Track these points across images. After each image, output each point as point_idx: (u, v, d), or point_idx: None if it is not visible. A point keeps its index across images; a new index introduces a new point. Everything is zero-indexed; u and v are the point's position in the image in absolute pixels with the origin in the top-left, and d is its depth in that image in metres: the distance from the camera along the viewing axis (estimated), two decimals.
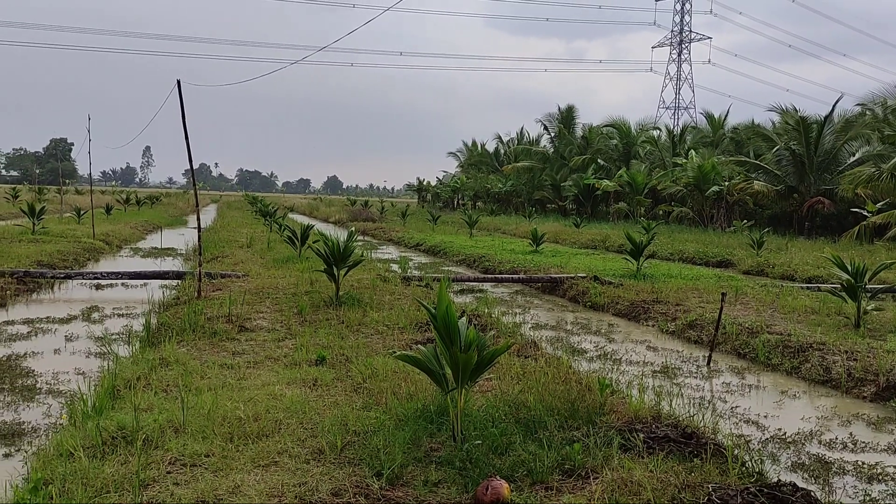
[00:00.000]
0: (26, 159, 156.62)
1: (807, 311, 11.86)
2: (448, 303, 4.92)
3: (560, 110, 56.02)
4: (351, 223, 40.86)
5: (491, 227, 38.43)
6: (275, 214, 31.34)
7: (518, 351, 7.94)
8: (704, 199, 36.76)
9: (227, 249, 19.82)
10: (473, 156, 74.98)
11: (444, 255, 24.05)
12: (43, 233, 21.79)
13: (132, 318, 11.08)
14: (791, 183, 33.17)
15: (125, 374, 6.65)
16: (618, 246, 25.41)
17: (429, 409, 5.52)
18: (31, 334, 9.73)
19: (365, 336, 8.82)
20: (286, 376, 6.76)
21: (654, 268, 18.04)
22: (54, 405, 6.63)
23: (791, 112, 35.05)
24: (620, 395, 6.39)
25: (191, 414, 5.34)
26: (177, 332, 8.62)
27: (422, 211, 59.91)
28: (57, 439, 5.04)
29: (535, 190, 55.05)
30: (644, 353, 9.90)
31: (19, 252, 16.49)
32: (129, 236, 26.42)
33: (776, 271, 18.96)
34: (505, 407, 5.67)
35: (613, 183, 43.63)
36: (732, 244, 25.21)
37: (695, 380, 8.52)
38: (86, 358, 8.57)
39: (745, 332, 10.21)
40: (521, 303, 14.42)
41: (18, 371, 7.76)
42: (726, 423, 6.74)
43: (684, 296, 13.26)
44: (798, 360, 8.98)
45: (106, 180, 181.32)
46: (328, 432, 5.10)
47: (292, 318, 9.78)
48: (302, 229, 17.71)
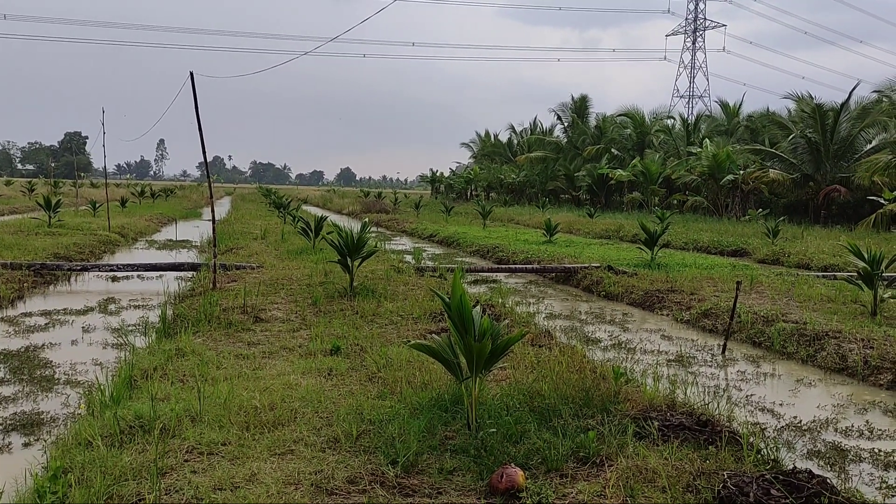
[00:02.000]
0: (42, 153, 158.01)
1: (823, 299, 11.78)
2: (462, 292, 4.92)
3: (573, 100, 55.83)
4: (364, 214, 40.93)
5: (504, 218, 38.38)
6: (288, 206, 31.45)
7: (532, 340, 7.94)
8: (719, 188, 36.52)
9: (242, 241, 19.91)
10: (486, 146, 74.81)
11: (457, 245, 24.06)
12: (59, 226, 21.97)
13: (148, 310, 11.17)
14: (807, 171, 32.89)
15: (142, 365, 6.71)
16: (632, 236, 25.32)
17: (443, 397, 5.53)
18: (48, 326, 9.83)
19: (379, 326, 8.84)
20: (301, 366, 6.79)
21: (668, 257, 17.97)
22: (72, 395, 6.71)
23: (807, 99, 34.74)
24: (635, 383, 6.38)
25: (207, 403, 5.39)
26: (192, 322, 8.68)
27: (435, 202, 59.92)
28: (75, 428, 5.10)
29: (549, 180, 54.91)
30: (658, 342, 9.87)
31: (36, 245, 16.64)
32: (144, 229, 26.60)
33: (792, 260, 18.84)
34: (519, 395, 5.67)
35: (627, 172, 43.43)
36: (747, 233, 25.06)
37: (710, 368, 8.49)
38: (103, 349, 8.65)
39: (761, 321, 10.16)
40: (535, 293, 14.40)
41: (37, 362, 7.85)
42: (741, 411, 6.72)
43: (699, 285, 13.20)
44: (814, 349, 8.93)
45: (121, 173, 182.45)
46: (343, 421, 5.12)
47: (307, 308, 9.82)
48: (315, 221, 17.75)
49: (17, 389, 6.85)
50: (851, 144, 32.28)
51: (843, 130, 32.16)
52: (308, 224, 17.55)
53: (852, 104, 32.74)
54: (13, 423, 5.89)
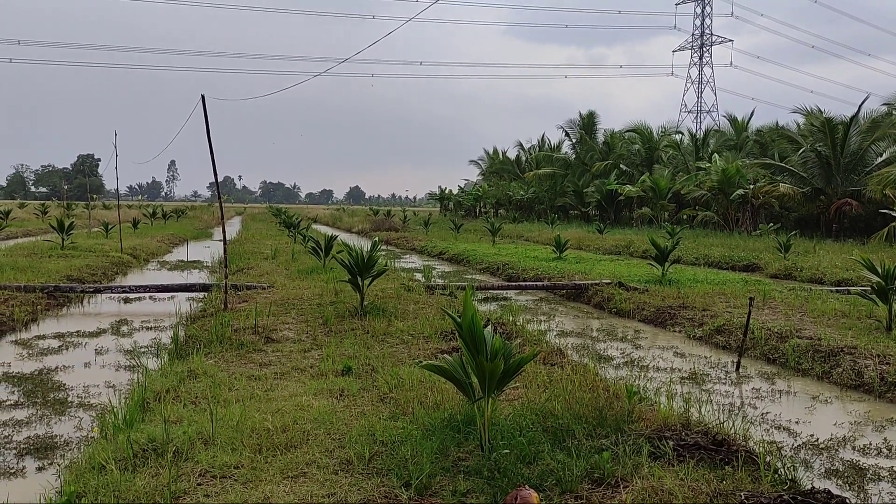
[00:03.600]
0: (55, 176, 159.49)
1: (837, 314, 11.69)
2: (473, 312, 4.91)
3: (581, 116, 55.91)
4: (374, 233, 41.00)
5: (514, 235, 38.36)
6: (298, 226, 31.54)
7: (544, 359, 7.91)
8: (729, 203, 36.41)
9: (253, 261, 19.97)
10: (495, 163, 74.93)
11: (467, 263, 24.05)
12: (72, 248, 22.10)
13: (160, 331, 11.20)
14: (817, 185, 32.77)
15: (154, 387, 6.72)
16: (642, 251, 25.25)
17: (456, 418, 5.51)
18: (61, 348, 9.86)
19: (390, 346, 8.83)
20: (313, 387, 6.78)
21: (679, 273, 17.89)
22: (85, 418, 6.72)
23: (816, 113, 34.68)
24: (649, 402, 6.34)
25: (220, 426, 5.38)
26: (204, 344, 8.69)
27: (444, 219, 59.97)
28: (89, 452, 5.10)
29: (558, 196, 54.92)
30: (671, 360, 9.81)
31: (49, 267, 16.75)
32: (155, 250, 26.74)
33: (804, 275, 18.72)
34: (532, 415, 5.64)
35: (636, 188, 43.39)
36: (759, 248, 24.94)
37: (724, 386, 8.42)
38: (115, 371, 8.67)
39: (774, 337, 10.08)
40: (546, 310, 14.36)
41: (50, 385, 7.87)
42: (757, 429, 6.65)
43: (711, 301, 13.13)
44: (829, 365, 8.85)
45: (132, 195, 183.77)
46: (356, 443, 5.11)
47: (318, 328, 9.82)
48: (326, 240, 17.79)
49: (31, 413, 6.87)
50: (862, 158, 32.15)
51: (854, 144, 32.04)
52: (318, 243, 17.60)
53: (862, 117, 32.62)
54: (27, 447, 5.90)
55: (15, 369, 8.59)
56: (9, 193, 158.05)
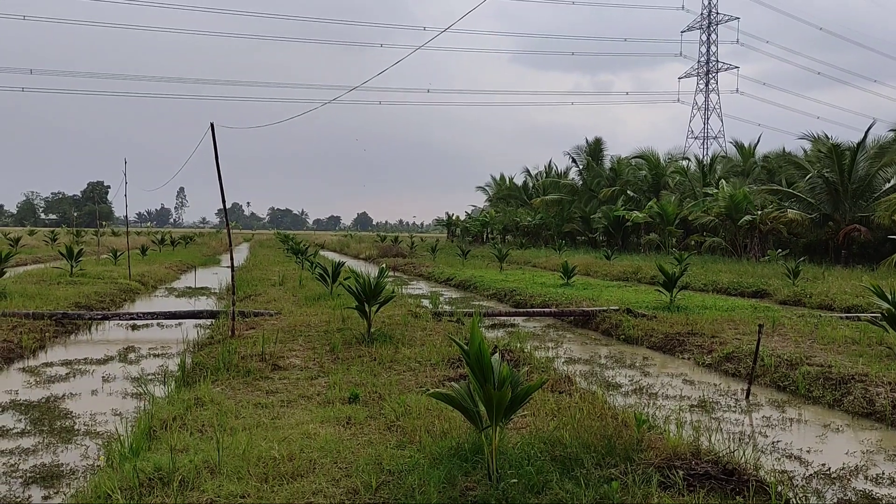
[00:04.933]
0: (64, 203, 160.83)
1: (847, 341, 11.60)
2: (481, 339, 4.90)
3: (588, 143, 56.21)
4: (381, 259, 41.06)
5: (521, 261, 38.34)
6: (306, 252, 31.63)
7: (552, 386, 7.86)
8: (737, 229, 36.35)
9: (260, 288, 20.00)
10: (502, 189, 75.15)
11: (474, 289, 24.02)
12: (81, 275, 22.19)
13: (167, 358, 11.20)
14: (825, 211, 32.71)
15: (161, 415, 6.70)
16: (650, 277, 25.17)
17: (463, 447, 5.47)
18: (69, 375, 9.87)
19: (397, 373, 8.80)
20: (320, 415, 6.76)
21: (687, 299, 17.81)
22: (92, 446, 6.70)
23: (823, 139, 34.73)
24: (658, 430, 6.28)
25: (226, 454, 5.36)
26: (211, 371, 8.69)
27: (451, 245, 60.04)
28: (94, 481, 5.08)
29: (565, 222, 54.96)
30: (680, 387, 9.74)
31: (58, 294, 16.82)
32: (164, 276, 26.82)
33: (813, 301, 18.61)
34: (540, 444, 5.60)
35: (643, 214, 43.38)
36: (767, 274, 24.84)
37: (734, 414, 8.35)
38: (122, 398, 8.66)
39: (784, 364, 10.01)
40: (554, 337, 14.30)
41: (57, 412, 7.87)
42: (768, 458, 6.58)
43: (720, 327, 13.06)
44: (840, 393, 8.77)
45: (141, 221, 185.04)
46: (362, 472, 5.07)
47: (325, 355, 9.81)
48: (333, 266, 17.82)
49: (37, 441, 6.86)
50: (870, 184, 32.11)
51: (861, 170, 32.02)
52: (325, 270, 17.63)
53: (869, 143, 32.64)
54: (33, 476, 5.88)
55: (22, 397, 8.60)
56: (19, 220, 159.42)
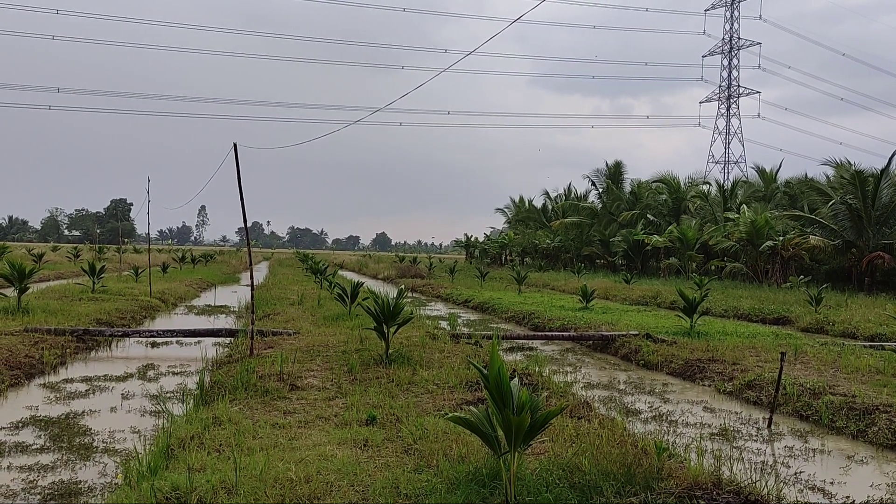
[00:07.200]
0: (88, 219, 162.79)
1: (871, 370, 11.41)
2: (500, 364, 4.87)
3: (608, 166, 56.17)
4: (400, 280, 41.11)
5: (539, 284, 38.21)
6: (325, 272, 31.73)
7: (571, 412, 7.79)
8: (758, 255, 36.04)
9: (279, 307, 20.08)
10: (521, 212, 75.11)
11: (492, 311, 23.95)
12: (102, 291, 22.42)
13: (186, 376, 11.24)
14: (848, 237, 32.36)
15: (179, 433, 6.72)
16: (670, 302, 24.98)
17: (481, 472, 5.42)
18: (88, 392, 9.93)
19: (415, 395, 8.77)
20: (337, 436, 6.74)
21: (708, 325, 17.64)
22: (110, 464, 6.72)
23: (846, 165, 34.44)
24: (678, 458, 6.20)
25: (243, 475, 5.35)
26: (229, 390, 8.70)
27: (470, 267, 59.99)
28: (112, 500, 5.09)
29: (584, 245, 54.78)
30: (701, 415, 9.61)
31: (79, 310, 16.98)
32: (184, 294, 27.01)
33: (836, 329, 18.36)
34: (559, 471, 5.54)
35: (664, 238, 43.15)
36: (789, 300, 24.57)
37: (755, 443, 8.22)
38: (141, 416, 8.69)
39: (807, 393, 9.86)
40: (573, 361, 14.20)
41: (76, 429, 7.91)
42: (791, 489, 6.46)
43: (741, 354, 12.90)
44: (864, 423, 8.61)
45: (163, 238, 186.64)
46: (379, 495, 5.04)
47: (342, 376, 9.80)
48: (352, 286, 17.86)
49: (56, 458, 6.89)
50: (894, 210, 31.75)
51: (885, 196, 31.69)
52: (344, 290, 17.66)
53: (893, 170, 32.31)
54: (51, 493, 5.91)
55: (42, 413, 8.66)
56: (43, 236, 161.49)
